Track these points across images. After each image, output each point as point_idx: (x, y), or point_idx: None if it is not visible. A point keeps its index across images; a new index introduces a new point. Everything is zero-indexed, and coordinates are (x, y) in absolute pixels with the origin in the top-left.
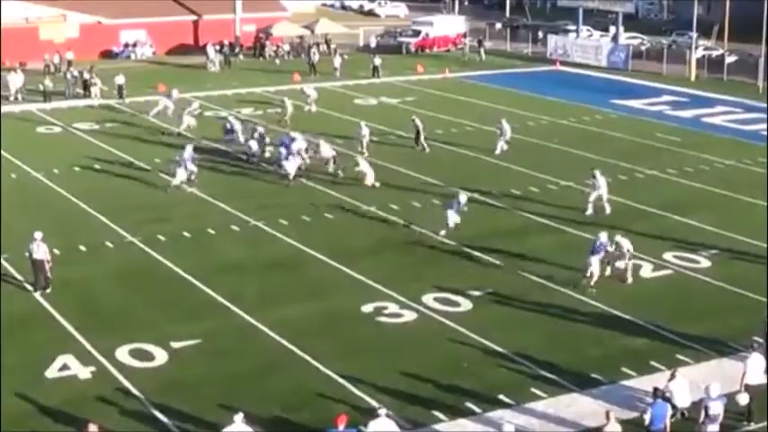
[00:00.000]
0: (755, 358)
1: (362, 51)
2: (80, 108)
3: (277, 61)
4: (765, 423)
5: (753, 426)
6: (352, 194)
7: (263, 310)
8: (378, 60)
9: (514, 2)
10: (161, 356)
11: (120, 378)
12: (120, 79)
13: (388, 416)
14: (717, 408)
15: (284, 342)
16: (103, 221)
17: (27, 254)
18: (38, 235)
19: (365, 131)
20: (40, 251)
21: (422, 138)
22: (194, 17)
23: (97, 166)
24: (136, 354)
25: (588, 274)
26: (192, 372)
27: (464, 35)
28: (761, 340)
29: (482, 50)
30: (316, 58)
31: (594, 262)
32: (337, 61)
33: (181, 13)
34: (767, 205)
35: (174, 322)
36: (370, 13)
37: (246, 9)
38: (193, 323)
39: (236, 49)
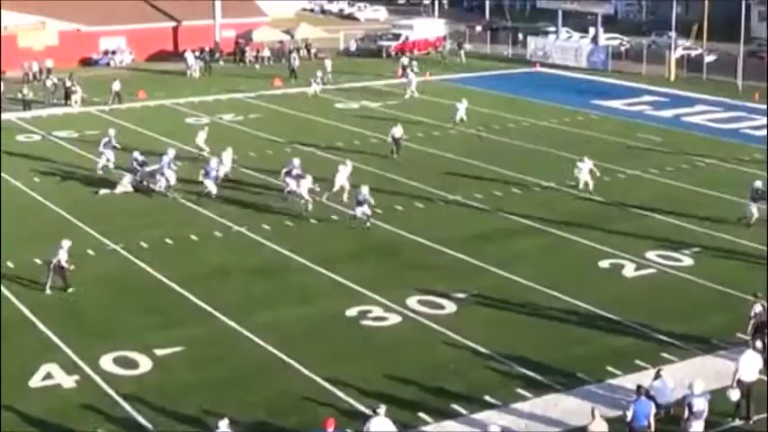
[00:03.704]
0: (749, 355)
1: (343, 55)
2: (60, 116)
3: (257, 67)
4: (754, 419)
5: (738, 422)
6: (335, 199)
7: (246, 315)
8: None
9: (494, 4)
10: (145, 364)
11: (105, 386)
12: (116, 86)
13: (386, 413)
14: (701, 404)
15: (269, 347)
16: (85, 229)
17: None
18: (65, 243)
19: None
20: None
21: (396, 144)
22: (174, 23)
23: (77, 175)
24: (120, 362)
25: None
26: (176, 379)
27: (444, 38)
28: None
29: (462, 53)
30: (296, 63)
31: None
32: (328, 65)
33: (160, 19)
34: (767, 207)
35: (157, 329)
36: (350, 17)
37: (226, 15)
38: (177, 330)
39: (216, 55)
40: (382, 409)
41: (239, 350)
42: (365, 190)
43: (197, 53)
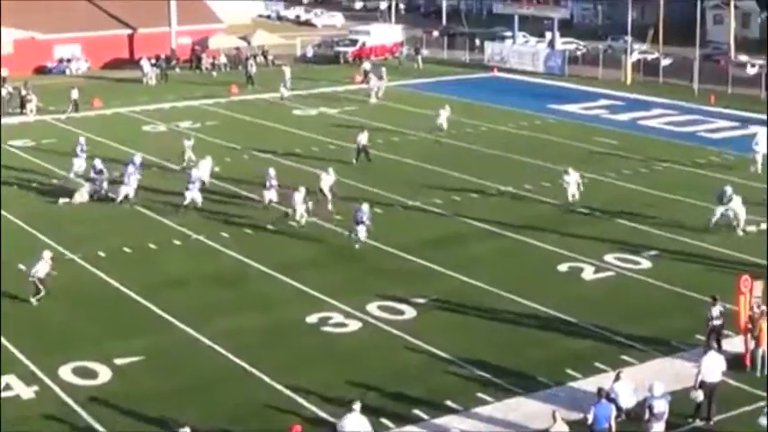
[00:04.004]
0: (712, 357)
1: (300, 62)
2: (16, 125)
3: (214, 74)
4: (715, 419)
5: (699, 423)
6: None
7: (206, 323)
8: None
9: (451, 10)
10: (105, 374)
11: (64, 397)
12: (74, 93)
13: (361, 410)
14: (661, 406)
15: (229, 355)
16: (42, 239)
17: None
18: (46, 254)
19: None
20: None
21: (361, 149)
22: (129, 31)
23: (34, 184)
24: (79, 372)
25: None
26: (136, 388)
27: (401, 44)
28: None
29: (419, 58)
30: (253, 69)
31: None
32: (287, 72)
33: (116, 27)
34: (767, 209)
35: (117, 339)
36: (307, 24)
37: (182, 22)
38: (137, 339)
39: (172, 63)
40: (357, 405)
41: (199, 359)
42: (365, 208)
43: (153, 60)
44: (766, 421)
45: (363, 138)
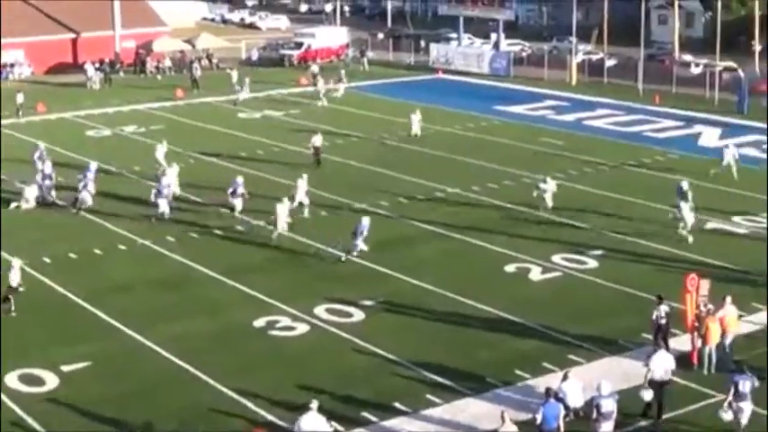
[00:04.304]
0: (661, 355)
1: (245, 65)
2: None
3: (159, 77)
4: (663, 417)
5: (647, 422)
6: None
7: (153, 328)
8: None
9: (396, 12)
10: (51, 381)
11: (11, 404)
12: (19, 98)
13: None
14: (609, 405)
15: (176, 360)
16: None
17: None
18: (16, 263)
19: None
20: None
21: (313, 152)
22: (73, 35)
23: None
24: (26, 379)
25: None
26: (83, 394)
27: (347, 46)
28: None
29: (365, 61)
30: (198, 72)
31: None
32: (234, 75)
33: (59, 31)
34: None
35: (63, 345)
36: (252, 26)
37: (126, 25)
38: (83, 345)
39: (117, 66)
40: (315, 404)
41: (146, 363)
42: (366, 222)
43: (97, 64)
44: (730, 416)
45: (317, 140)
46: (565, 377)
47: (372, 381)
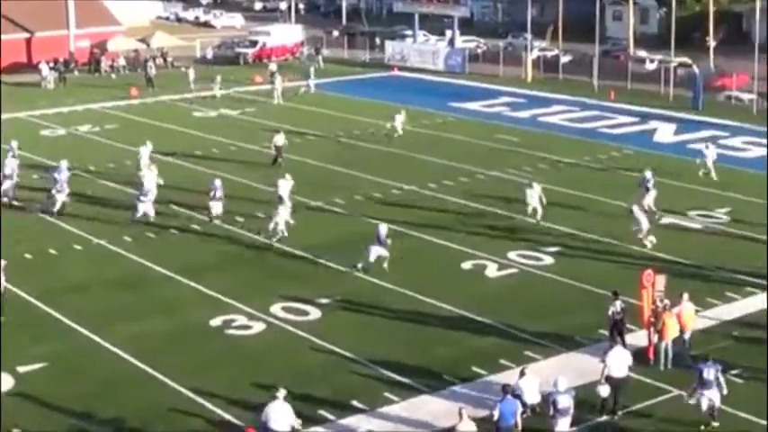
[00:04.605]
0: (618, 351)
1: (200, 63)
2: None
3: (113, 76)
4: (620, 413)
5: (604, 417)
6: (197, 209)
7: (109, 328)
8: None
9: (351, 9)
10: (7, 382)
11: None
12: None
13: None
14: (565, 401)
15: (133, 360)
16: None
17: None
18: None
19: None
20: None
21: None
22: (27, 35)
23: None
24: None
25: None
26: (40, 395)
27: (302, 44)
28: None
29: (320, 58)
30: (152, 71)
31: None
32: (191, 74)
33: (12, 30)
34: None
35: (18, 346)
36: (207, 25)
37: (80, 24)
38: (39, 346)
39: (71, 66)
40: (281, 393)
41: (103, 364)
42: (383, 230)
43: (51, 64)
44: (694, 401)
45: (279, 139)
46: (522, 374)
47: (329, 379)
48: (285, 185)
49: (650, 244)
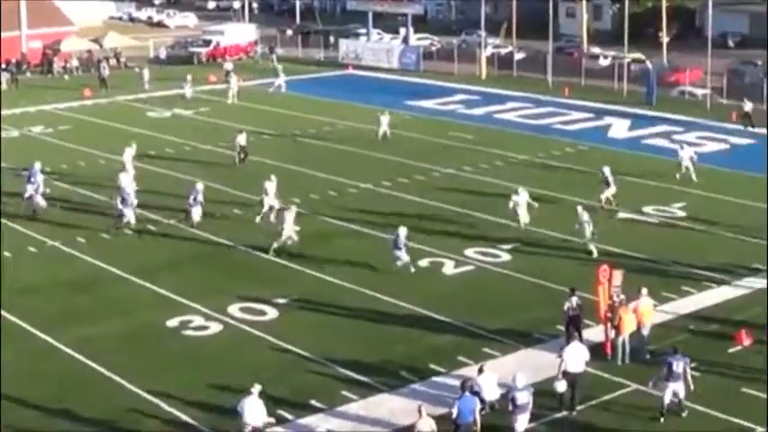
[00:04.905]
0: (575, 347)
1: (154, 63)
2: None
3: (66, 77)
4: (578, 408)
5: (564, 413)
6: (153, 209)
7: (65, 331)
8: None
9: (304, 7)
10: None
11: None
12: None
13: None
14: (524, 398)
15: (89, 362)
16: None
17: None
18: None
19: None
20: None
21: (238, 152)
22: None
23: None
24: None
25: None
26: None
27: (255, 43)
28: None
29: (274, 57)
30: (106, 72)
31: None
32: (146, 74)
33: None
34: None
35: None
36: (160, 25)
37: (32, 25)
38: None
39: (23, 67)
40: (256, 388)
41: (59, 366)
42: (403, 232)
43: (3, 65)
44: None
45: (242, 139)
46: (480, 370)
47: (287, 378)
48: (271, 187)
49: (596, 251)
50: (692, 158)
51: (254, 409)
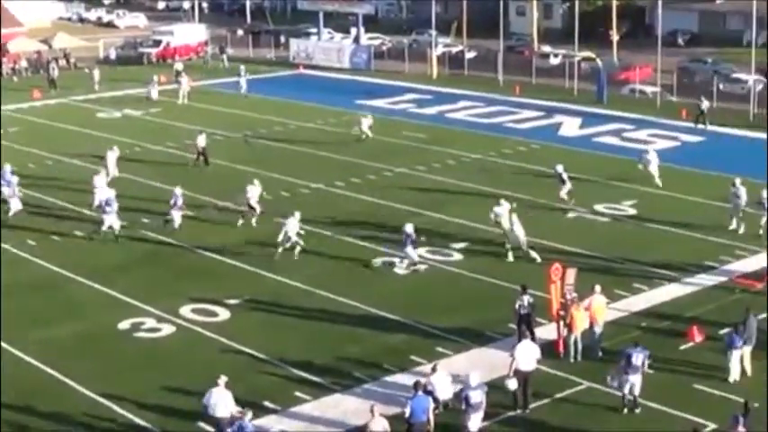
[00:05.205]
0: (526, 345)
1: (103, 64)
2: None
3: (15, 78)
4: (531, 406)
5: (517, 411)
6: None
7: (16, 334)
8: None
9: (255, 7)
10: None
11: None
12: None
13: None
14: (477, 396)
15: (41, 365)
16: None
17: None
18: None
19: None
20: None
21: (198, 154)
22: None
23: None
24: None
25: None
26: None
27: (206, 43)
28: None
29: (225, 57)
30: (55, 73)
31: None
32: (96, 75)
33: None
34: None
35: None
36: (110, 25)
37: None
38: None
39: None
40: (222, 380)
41: (10, 370)
42: (410, 228)
43: None
44: (616, 384)
45: (202, 140)
46: (433, 370)
47: (240, 379)
48: (254, 191)
49: (538, 258)
50: (650, 161)
51: (222, 401)
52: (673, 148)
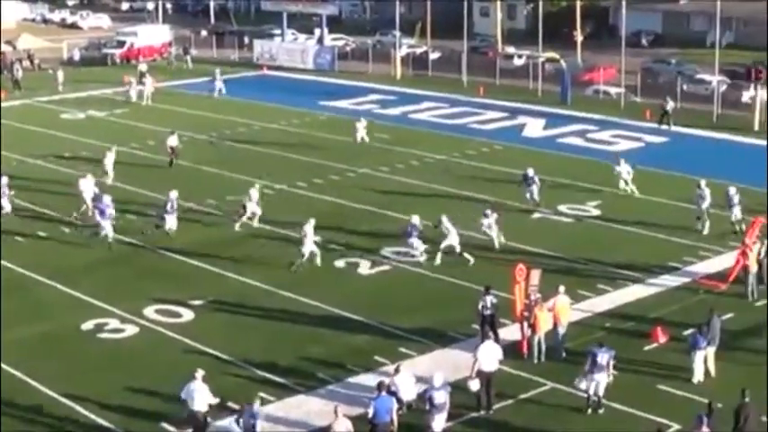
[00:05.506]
0: (488, 346)
1: (67, 65)
2: None
3: None
4: (495, 407)
5: (482, 412)
6: (68, 212)
7: None
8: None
9: (219, 8)
10: None
11: None
12: None
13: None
14: (441, 397)
15: (5, 366)
16: None
17: None
18: None
19: None
20: None
21: (170, 153)
22: None
23: None
24: None
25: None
26: None
27: (170, 44)
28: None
29: (189, 58)
30: (19, 74)
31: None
32: (60, 76)
33: None
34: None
35: None
36: (73, 26)
37: None
38: None
39: None
40: (199, 373)
41: None
42: (416, 220)
43: None
44: (584, 385)
45: (173, 140)
46: (397, 370)
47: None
48: (253, 194)
49: (472, 258)
50: (629, 172)
51: (197, 395)
52: (637, 149)
